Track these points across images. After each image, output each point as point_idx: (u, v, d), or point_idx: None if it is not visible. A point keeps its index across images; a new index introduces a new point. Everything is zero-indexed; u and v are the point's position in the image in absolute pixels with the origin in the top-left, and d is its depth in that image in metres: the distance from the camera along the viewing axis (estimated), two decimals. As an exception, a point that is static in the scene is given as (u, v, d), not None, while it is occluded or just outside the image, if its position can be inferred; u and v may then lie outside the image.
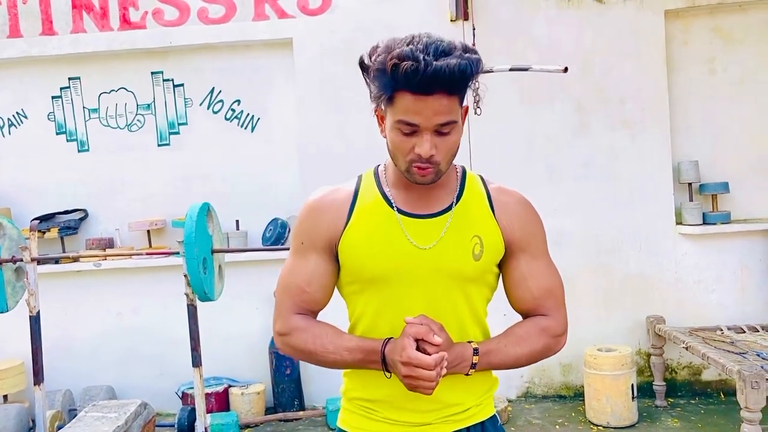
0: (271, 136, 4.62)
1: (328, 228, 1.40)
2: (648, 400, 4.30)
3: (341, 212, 1.40)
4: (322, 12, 4.48)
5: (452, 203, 1.40)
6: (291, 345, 1.41)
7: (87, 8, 4.54)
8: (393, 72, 1.22)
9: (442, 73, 1.19)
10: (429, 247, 1.36)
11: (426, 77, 1.20)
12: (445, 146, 1.30)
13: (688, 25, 4.44)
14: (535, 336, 1.42)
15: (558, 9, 4.38)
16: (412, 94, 1.23)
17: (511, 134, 4.42)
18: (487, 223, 1.41)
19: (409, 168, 1.31)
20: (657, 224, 4.39)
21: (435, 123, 1.26)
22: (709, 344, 3.74)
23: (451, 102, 1.26)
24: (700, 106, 4.45)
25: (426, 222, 1.38)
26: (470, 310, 1.42)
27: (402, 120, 1.26)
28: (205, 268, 3.12)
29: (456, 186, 1.43)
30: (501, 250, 1.42)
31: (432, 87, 1.22)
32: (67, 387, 4.48)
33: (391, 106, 1.28)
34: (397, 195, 1.40)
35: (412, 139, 1.28)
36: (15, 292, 3.35)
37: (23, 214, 4.64)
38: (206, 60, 4.61)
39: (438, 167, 1.31)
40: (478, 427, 1.45)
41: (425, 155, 1.27)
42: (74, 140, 4.71)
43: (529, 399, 4.49)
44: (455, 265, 1.36)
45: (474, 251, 1.37)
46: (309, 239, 1.43)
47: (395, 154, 1.33)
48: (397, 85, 1.24)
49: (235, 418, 4.06)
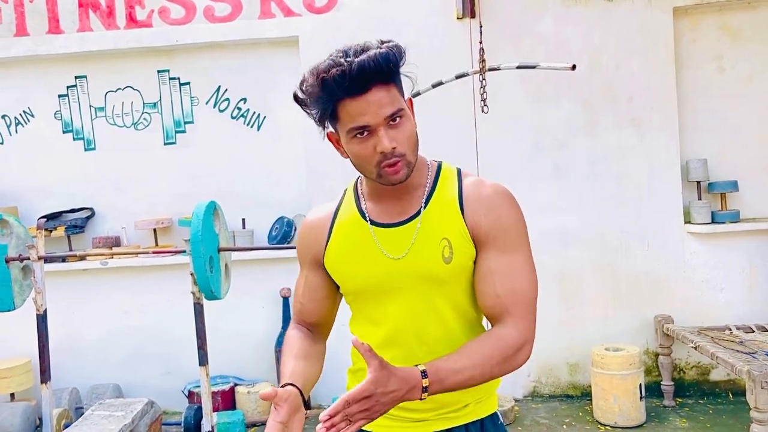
0: (277, 134, 4.62)
1: (313, 245, 1.49)
2: (656, 400, 4.27)
3: (323, 230, 1.48)
4: (329, 10, 4.47)
5: (420, 208, 1.40)
6: None
7: (93, 7, 4.54)
8: (324, 86, 1.25)
9: (367, 65, 1.23)
10: (401, 257, 1.37)
11: (354, 75, 1.23)
12: (403, 136, 1.30)
13: (696, 23, 4.41)
14: (489, 346, 1.28)
15: (565, 7, 4.35)
16: (350, 99, 1.26)
17: (518, 132, 4.40)
18: (455, 223, 1.37)
19: (380, 172, 1.32)
20: (665, 223, 4.37)
21: (383, 116, 1.27)
22: (718, 344, 3.71)
23: (389, 93, 1.29)
24: (708, 104, 4.42)
25: (396, 231, 1.39)
26: (454, 309, 1.40)
27: (352, 127, 1.28)
28: (212, 266, 3.12)
29: (427, 187, 1.42)
30: (471, 249, 1.36)
31: (364, 83, 1.25)
32: (73, 385, 4.49)
33: (338, 122, 1.31)
34: (372, 207, 1.44)
35: (369, 141, 1.29)
36: (22, 290, 3.35)
37: (30, 212, 4.65)
38: (212, 58, 4.61)
39: (406, 160, 1.32)
40: (477, 424, 1.44)
41: (387, 149, 1.27)
42: (81, 139, 4.72)
43: (536, 398, 4.47)
44: (428, 272, 1.36)
45: (444, 254, 1.35)
46: (302, 257, 1.54)
47: (362, 165, 1.34)
48: (334, 96, 1.27)
49: (241, 417, 4.06)
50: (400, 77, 1.34)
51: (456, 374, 1.23)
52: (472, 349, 1.28)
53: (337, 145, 1.39)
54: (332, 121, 1.33)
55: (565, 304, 4.43)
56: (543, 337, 4.63)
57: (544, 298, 4.47)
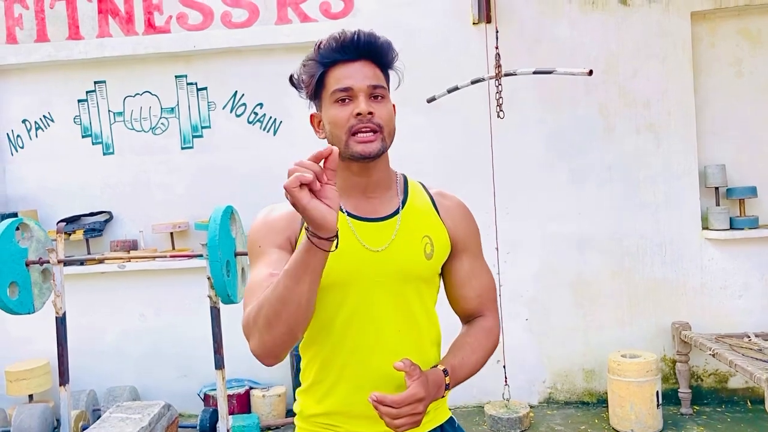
0: (293, 139, 4.64)
1: (287, 228, 1.40)
2: (673, 408, 4.23)
3: (295, 219, 1.39)
4: (344, 16, 4.49)
5: (399, 207, 1.43)
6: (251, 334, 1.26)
7: (113, 13, 4.60)
8: (319, 50, 1.35)
9: (361, 36, 1.33)
10: (381, 249, 1.37)
11: (347, 41, 1.33)
12: (383, 112, 1.34)
13: (714, 28, 4.38)
14: (484, 340, 1.47)
15: (582, 12, 4.34)
16: (340, 64, 1.34)
17: (534, 137, 4.39)
18: (435, 223, 1.45)
19: (349, 141, 1.32)
20: (683, 229, 4.33)
21: (367, 84, 1.33)
22: (737, 351, 3.67)
23: (376, 72, 1.36)
24: (726, 109, 4.38)
25: (376, 225, 1.39)
26: (425, 312, 1.44)
27: (336, 89, 1.33)
28: (229, 270, 3.13)
29: (399, 191, 1.46)
30: (448, 250, 1.46)
31: (356, 51, 1.34)
32: (90, 387, 4.54)
33: (324, 90, 1.36)
34: (346, 201, 1.40)
35: (348, 106, 1.33)
36: (42, 293, 3.39)
37: (49, 216, 4.71)
38: (229, 64, 4.64)
39: (381, 135, 1.33)
40: (438, 430, 1.47)
41: (364, 111, 1.30)
42: (99, 143, 4.77)
43: (552, 405, 4.44)
44: (409, 266, 1.39)
45: (426, 250, 1.41)
46: (268, 241, 1.39)
47: (335, 132, 1.34)
48: (326, 60, 1.34)
49: (256, 420, 4.08)
50: (388, 73, 1.42)
51: (464, 369, 1.40)
52: (471, 344, 1.44)
53: (316, 126, 1.43)
54: (318, 92, 1.38)
55: (581, 309, 4.41)
56: (559, 342, 4.66)
57: (560, 303, 4.50)
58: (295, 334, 1.23)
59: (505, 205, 4.24)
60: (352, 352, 1.37)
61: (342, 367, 1.38)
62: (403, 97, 4.08)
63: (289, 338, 1.22)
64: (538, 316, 4.44)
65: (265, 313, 1.21)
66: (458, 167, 4.34)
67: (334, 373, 1.39)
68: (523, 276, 4.42)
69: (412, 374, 1.25)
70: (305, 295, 1.19)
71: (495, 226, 3.95)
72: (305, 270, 1.17)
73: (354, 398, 1.36)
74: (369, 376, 1.37)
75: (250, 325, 1.26)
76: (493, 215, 3.96)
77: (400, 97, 3.12)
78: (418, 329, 1.42)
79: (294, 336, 1.23)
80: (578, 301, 4.41)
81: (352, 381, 1.37)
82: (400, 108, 1.54)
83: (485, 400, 4.34)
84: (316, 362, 1.42)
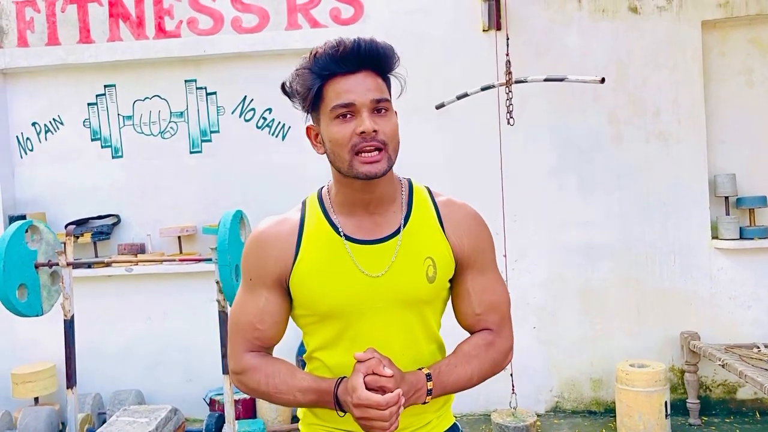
0: (302, 144, 4.63)
1: (276, 263, 1.35)
2: (681, 418, 4.20)
3: (289, 246, 1.34)
4: (354, 22, 4.49)
5: (400, 226, 1.35)
6: (245, 384, 1.38)
7: (124, 17, 4.61)
8: (316, 61, 1.26)
9: (362, 44, 1.24)
10: (380, 275, 1.31)
11: (346, 50, 1.23)
12: (388, 127, 1.26)
13: (725, 37, 4.37)
14: (484, 351, 1.37)
15: (592, 19, 4.34)
16: (340, 76, 1.25)
17: (543, 145, 4.38)
18: (438, 242, 1.36)
19: (353, 161, 1.24)
20: (692, 238, 4.31)
21: (370, 98, 1.24)
22: (746, 362, 3.65)
23: (379, 83, 1.27)
24: (737, 118, 4.37)
25: (375, 248, 1.33)
26: (424, 330, 1.39)
27: (337, 104, 1.24)
28: (237, 275, 3.13)
29: (403, 203, 1.38)
30: (452, 269, 1.38)
31: (356, 62, 1.24)
32: (96, 390, 4.53)
33: (322, 103, 1.27)
34: (345, 221, 1.34)
35: (350, 123, 1.24)
36: (50, 295, 3.39)
37: (57, 218, 4.71)
38: (239, 68, 4.65)
39: (387, 153, 1.26)
40: None
41: (369, 129, 1.22)
42: (108, 147, 4.78)
43: (559, 414, 4.42)
44: (409, 291, 1.33)
45: (428, 274, 1.33)
46: (257, 276, 1.37)
47: (336, 152, 1.26)
48: (324, 71, 1.25)
49: (261, 426, 4.06)
50: (390, 81, 1.33)
51: (453, 376, 1.32)
52: (466, 353, 1.36)
53: (314, 140, 1.34)
54: (316, 105, 1.29)
55: (589, 318, 4.39)
56: (566, 351, 4.63)
57: (568, 312, 4.48)
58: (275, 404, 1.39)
59: (513, 212, 4.23)
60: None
61: None
62: (413, 105, 4.09)
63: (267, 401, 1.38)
64: (545, 324, 4.42)
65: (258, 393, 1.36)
66: (467, 174, 4.33)
67: None
68: (531, 284, 4.40)
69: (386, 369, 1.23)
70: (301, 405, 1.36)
71: (503, 234, 3.93)
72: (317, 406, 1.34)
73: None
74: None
75: (237, 374, 1.39)
76: (501, 222, 3.95)
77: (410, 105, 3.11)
78: (419, 351, 1.38)
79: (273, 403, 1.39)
80: (586, 309, 4.39)
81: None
82: (409, 115, 1.51)
83: (492, 408, 4.32)
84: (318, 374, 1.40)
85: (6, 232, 3.17)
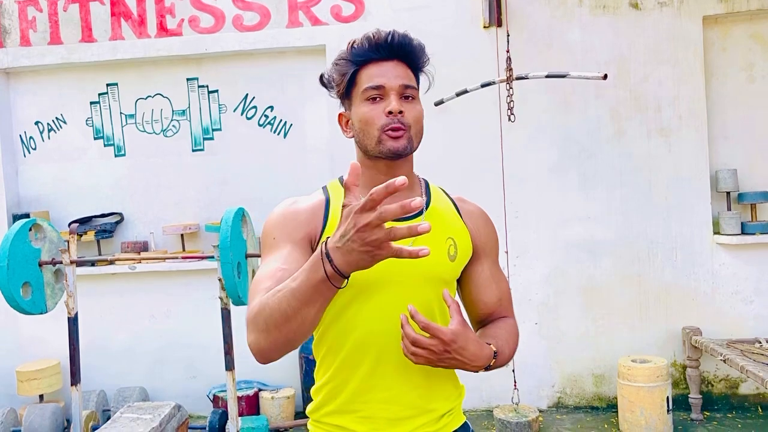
0: (303, 142, 4.66)
1: (307, 224, 1.35)
2: (683, 413, 4.21)
3: (317, 215, 1.37)
4: (355, 19, 4.50)
5: (423, 208, 1.36)
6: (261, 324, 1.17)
7: (125, 16, 4.63)
8: (353, 49, 1.37)
9: (396, 36, 1.36)
10: None
11: (381, 40, 1.35)
12: (413, 113, 1.36)
13: (726, 32, 4.36)
14: (513, 336, 1.47)
15: (593, 15, 4.34)
16: (373, 63, 1.36)
17: (545, 141, 4.38)
18: (458, 226, 1.46)
19: (381, 137, 1.34)
20: (694, 234, 4.32)
21: (399, 84, 1.35)
22: (748, 357, 3.66)
23: (408, 72, 1.38)
24: (738, 113, 4.37)
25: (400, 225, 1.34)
26: (441, 309, 1.40)
27: (368, 87, 1.35)
28: (239, 272, 3.14)
29: (422, 193, 1.47)
30: (470, 253, 1.47)
31: (389, 50, 1.36)
32: (100, 387, 4.56)
33: (355, 88, 1.38)
34: None
35: (380, 105, 1.35)
36: (54, 293, 3.41)
37: (61, 216, 4.74)
38: (241, 66, 4.67)
39: (409, 134, 1.36)
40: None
41: (396, 109, 1.32)
42: (111, 145, 4.80)
43: (561, 409, 4.43)
44: (431, 267, 1.37)
45: (449, 252, 1.40)
46: (284, 233, 1.34)
47: (365, 130, 1.36)
48: (359, 58, 1.36)
49: (265, 422, 4.08)
50: (419, 75, 1.43)
51: (503, 358, 1.38)
52: (504, 337, 1.42)
53: (344, 126, 1.45)
54: (349, 91, 1.40)
55: (591, 314, 4.39)
56: (568, 347, 4.63)
57: (570, 308, 4.48)
58: (293, 345, 1.19)
59: (515, 208, 4.24)
60: (369, 352, 1.35)
61: (357, 366, 1.36)
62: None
63: (285, 347, 1.18)
64: (547, 320, 4.43)
65: (265, 320, 1.16)
66: (468, 171, 4.34)
67: (350, 372, 1.37)
68: (532, 280, 4.41)
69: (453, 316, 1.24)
70: (310, 318, 1.14)
71: (505, 230, 3.94)
72: (317, 297, 1.11)
73: (367, 396, 1.35)
74: (385, 376, 1.35)
75: (250, 321, 1.21)
76: (503, 219, 3.96)
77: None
78: None
79: (291, 346, 1.19)
80: (588, 305, 4.40)
81: (368, 381, 1.36)
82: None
83: (494, 403, 4.33)
84: (332, 361, 1.40)
85: (10, 230, 3.19)
